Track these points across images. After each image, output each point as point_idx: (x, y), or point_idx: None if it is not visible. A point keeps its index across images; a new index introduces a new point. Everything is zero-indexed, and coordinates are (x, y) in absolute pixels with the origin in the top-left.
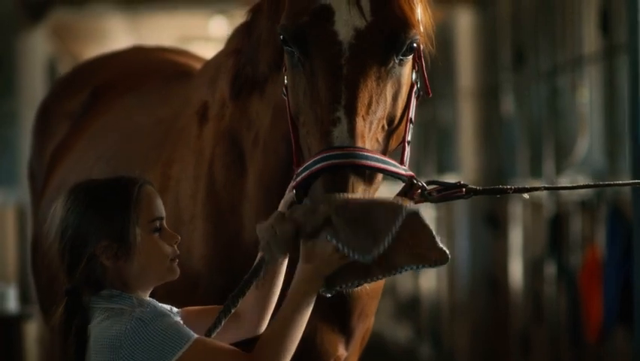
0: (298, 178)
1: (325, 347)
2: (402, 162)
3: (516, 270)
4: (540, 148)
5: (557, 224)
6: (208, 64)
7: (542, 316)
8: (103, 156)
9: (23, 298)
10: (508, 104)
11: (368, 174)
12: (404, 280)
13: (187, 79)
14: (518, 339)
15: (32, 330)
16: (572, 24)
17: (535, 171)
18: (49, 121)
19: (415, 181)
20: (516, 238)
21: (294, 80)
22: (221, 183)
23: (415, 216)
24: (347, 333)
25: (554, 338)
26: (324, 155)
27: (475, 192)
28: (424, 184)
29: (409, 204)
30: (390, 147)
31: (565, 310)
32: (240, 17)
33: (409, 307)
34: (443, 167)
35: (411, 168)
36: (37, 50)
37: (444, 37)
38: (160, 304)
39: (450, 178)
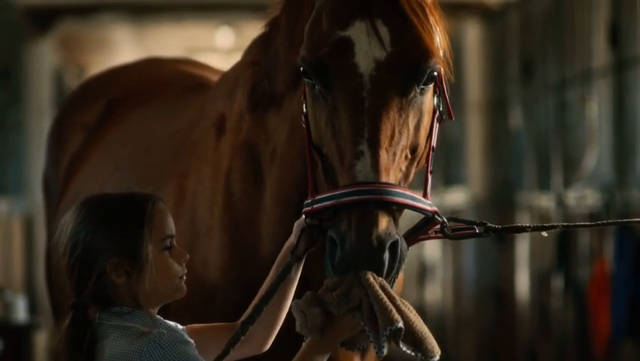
0: (318, 205)
1: (341, 360)
2: (425, 194)
3: (523, 283)
4: (548, 161)
5: (565, 237)
6: (225, 75)
7: (549, 329)
8: (119, 168)
9: (31, 308)
10: (516, 117)
11: (394, 209)
12: (408, 290)
13: (203, 90)
14: (525, 352)
15: (41, 340)
16: (581, 37)
17: (543, 185)
18: (65, 132)
19: (437, 217)
20: (523, 250)
21: (315, 112)
22: (238, 196)
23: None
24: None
25: (561, 351)
26: (350, 190)
27: (494, 230)
28: (445, 220)
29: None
30: (414, 173)
31: (572, 324)
32: (246, 29)
33: None
34: (450, 180)
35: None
36: (44, 60)
37: (452, 50)
38: (167, 322)
39: (457, 191)
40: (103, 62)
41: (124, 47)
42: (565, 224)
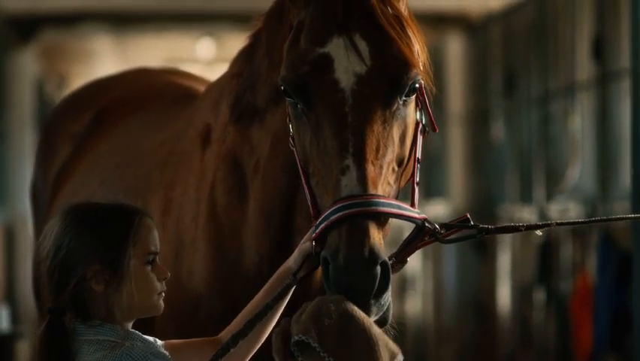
0: (318, 229)
1: None
2: (412, 205)
3: (504, 295)
4: (530, 174)
5: (547, 250)
6: (211, 86)
7: (530, 342)
8: (106, 179)
9: (13, 317)
10: (498, 130)
11: (383, 220)
12: None
13: (191, 101)
14: None
15: (24, 349)
16: (564, 50)
17: (525, 197)
18: (53, 142)
19: (428, 225)
20: (504, 262)
21: (299, 131)
22: (222, 207)
23: None
24: None
25: None
26: (339, 205)
27: (487, 231)
28: (437, 226)
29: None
30: (400, 186)
31: (553, 337)
32: (228, 39)
33: (393, 331)
34: (432, 192)
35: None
36: (26, 70)
37: (434, 62)
38: (144, 337)
39: (438, 203)
40: (84, 72)
41: (105, 57)
42: (558, 222)
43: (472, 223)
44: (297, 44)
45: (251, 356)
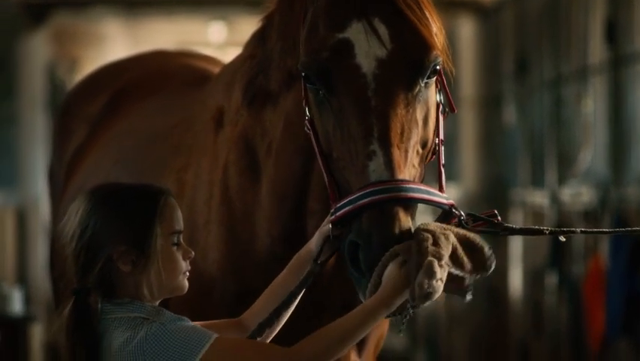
0: (339, 212)
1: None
2: (440, 188)
3: (516, 279)
4: (542, 158)
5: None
6: (225, 69)
7: (542, 326)
8: (120, 161)
9: (26, 299)
10: (510, 114)
11: (411, 205)
12: None
13: (205, 84)
14: (518, 349)
15: (37, 332)
16: (577, 34)
17: (537, 182)
18: (69, 123)
19: (454, 211)
20: (516, 247)
21: (322, 117)
22: (234, 190)
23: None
24: (360, 340)
25: (555, 348)
26: (368, 190)
27: (511, 231)
28: (463, 214)
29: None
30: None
31: (566, 321)
32: (239, 23)
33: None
34: None
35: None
36: (38, 53)
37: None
38: (175, 315)
39: (450, 187)
40: (95, 56)
41: (116, 41)
42: (582, 230)
43: (499, 219)
44: (315, 31)
45: (272, 336)
